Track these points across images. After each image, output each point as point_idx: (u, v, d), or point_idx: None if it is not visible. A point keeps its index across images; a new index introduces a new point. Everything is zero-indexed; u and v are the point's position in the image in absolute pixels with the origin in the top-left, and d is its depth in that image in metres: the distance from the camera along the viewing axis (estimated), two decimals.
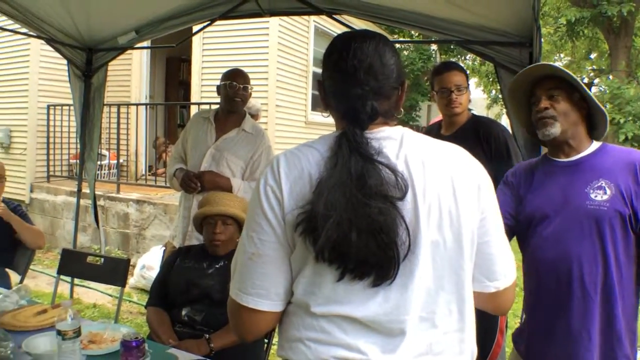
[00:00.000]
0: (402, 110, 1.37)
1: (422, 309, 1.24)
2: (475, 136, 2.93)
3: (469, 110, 3.12)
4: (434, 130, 3.18)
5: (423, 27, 3.27)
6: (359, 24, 6.72)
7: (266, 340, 2.69)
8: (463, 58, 18.86)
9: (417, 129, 14.41)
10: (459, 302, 1.28)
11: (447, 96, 2.96)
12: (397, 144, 1.27)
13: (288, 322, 1.32)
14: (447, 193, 1.24)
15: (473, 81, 21.19)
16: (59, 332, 1.83)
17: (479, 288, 1.34)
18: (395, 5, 3.17)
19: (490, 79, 19.20)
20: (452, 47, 14.25)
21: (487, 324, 2.68)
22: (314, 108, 8.77)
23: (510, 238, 1.72)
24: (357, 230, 1.15)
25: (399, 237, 1.18)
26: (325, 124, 8.46)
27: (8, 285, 3.41)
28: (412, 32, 11.81)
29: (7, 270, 3.69)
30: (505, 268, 1.36)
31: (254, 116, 6.37)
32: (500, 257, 1.35)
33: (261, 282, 1.28)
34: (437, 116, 5.09)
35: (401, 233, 1.18)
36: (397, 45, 14.28)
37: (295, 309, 1.30)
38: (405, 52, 14.91)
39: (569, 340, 1.89)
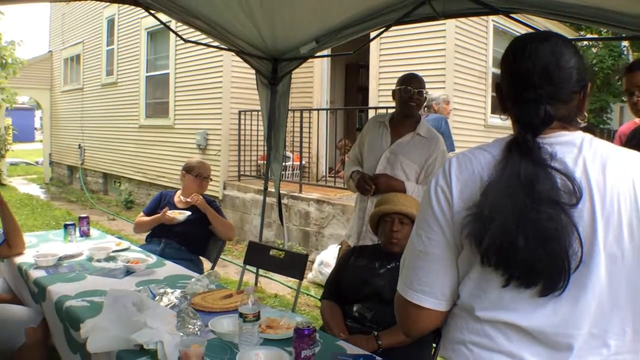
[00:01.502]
0: (585, 114, 1.31)
1: (593, 326, 1.18)
2: None
3: None
4: (636, 137, 2.93)
5: (610, 23, 3.01)
6: (541, 22, 6.38)
7: (434, 345, 2.69)
8: None
9: (608, 133, 13.23)
10: (635, 323, 1.20)
11: (629, 98, 2.73)
12: (575, 149, 1.22)
13: (452, 323, 1.33)
14: (628, 204, 1.16)
15: None
16: (240, 315, 2.00)
17: None
18: (578, 1, 2.98)
19: None
20: None
21: None
22: (493, 111, 8.47)
23: None
24: (524, 235, 1.13)
25: (570, 246, 1.13)
26: (506, 127, 8.17)
27: (201, 271, 3.81)
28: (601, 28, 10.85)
29: (200, 258, 4.11)
30: None
31: (444, 101, 6.31)
32: None
33: (427, 280, 1.30)
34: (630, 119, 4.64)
35: (573, 242, 1.13)
36: (584, 43, 13.26)
37: (460, 312, 1.31)
38: (594, 50, 13.76)
39: None
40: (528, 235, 1.13)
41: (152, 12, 3.88)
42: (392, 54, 7.90)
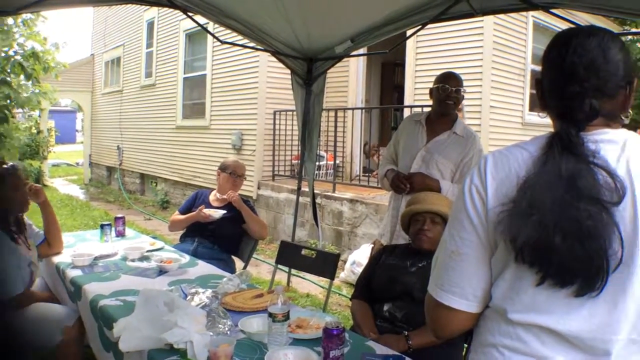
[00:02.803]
0: (630, 112, 1.27)
1: (632, 330, 1.14)
2: None
3: None
4: None
5: None
6: (584, 16, 6.23)
7: (465, 345, 2.64)
8: None
9: None
10: None
11: None
12: (618, 147, 1.18)
13: (483, 326, 1.30)
14: None
15: None
16: (270, 315, 2.01)
17: None
18: None
19: None
20: None
21: None
22: (531, 108, 8.31)
23: None
24: (561, 233, 1.09)
25: (610, 246, 1.09)
26: (544, 124, 8.06)
27: (233, 271, 3.83)
28: None
29: (233, 257, 4.14)
30: None
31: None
32: None
33: (458, 281, 1.27)
34: None
35: (613, 242, 1.09)
36: (629, 37, 12.95)
37: (492, 314, 1.28)
38: (639, 45, 13.40)
39: None
40: (566, 232, 1.09)
41: (190, 14, 3.94)
42: (428, 52, 7.84)
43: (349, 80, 9.00)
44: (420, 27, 3.84)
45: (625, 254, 1.10)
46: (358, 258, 5.76)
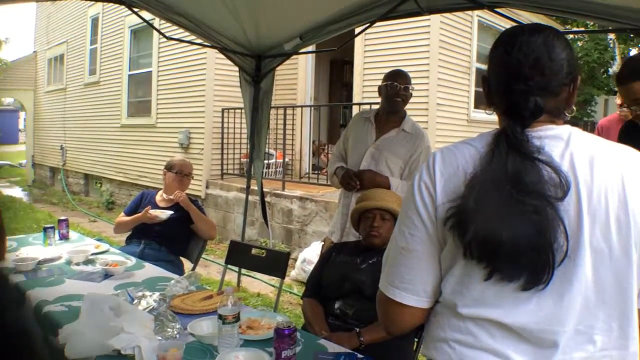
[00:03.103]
0: (574, 108, 1.30)
1: (579, 322, 1.16)
2: None
3: None
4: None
5: (597, 16, 2.97)
6: (527, 16, 6.39)
7: (416, 339, 2.67)
8: None
9: (592, 125, 13.34)
10: (622, 319, 1.18)
11: (631, 111, 2.51)
12: (563, 143, 1.20)
13: (435, 321, 1.31)
14: (616, 200, 1.15)
15: None
16: (220, 317, 1.97)
17: None
18: None
19: None
20: (630, 35, 12.99)
21: None
22: (476, 106, 8.50)
23: None
24: (508, 228, 1.11)
25: (555, 240, 1.11)
26: (489, 121, 8.19)
27: (181, 272, 3.75)
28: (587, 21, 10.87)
29: (181, 258, 4.06)
30: None
31: None
32: None
33: (409, 277, 1.28)
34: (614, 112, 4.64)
35: (558, 236, 1.11)
36: (570, 36, 13.41)
37: (442, 309, 1.29)
38: (579, 43, 13.88)
39: None
40: (513, 227, 1.11)
41: (136, 10, 3.85)
42: (376, 50, 7.89)
43: (298, 78, 8.98)
44: (368, 24, 3.86)
45: (570, 247, 1.12)
46: (308, 256, 5.76)
